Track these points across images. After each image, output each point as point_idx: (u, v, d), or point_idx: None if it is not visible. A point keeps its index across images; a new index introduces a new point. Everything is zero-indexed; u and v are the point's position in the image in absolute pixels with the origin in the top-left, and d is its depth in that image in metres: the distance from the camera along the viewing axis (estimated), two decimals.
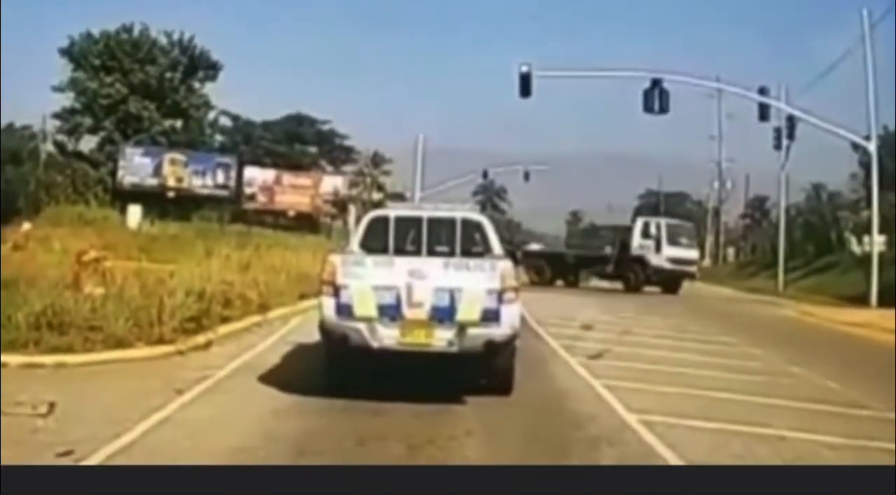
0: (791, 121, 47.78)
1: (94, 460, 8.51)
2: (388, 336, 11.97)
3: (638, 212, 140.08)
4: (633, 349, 19.05)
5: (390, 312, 11.96)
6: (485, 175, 77.90)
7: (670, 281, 46.93)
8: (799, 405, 13.14)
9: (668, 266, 46.79)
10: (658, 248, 47.05)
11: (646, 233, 48.16)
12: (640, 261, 46.86)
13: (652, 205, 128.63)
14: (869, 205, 45.66)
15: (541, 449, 9.86)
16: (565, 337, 20.47)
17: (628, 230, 49.98)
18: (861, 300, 38.08)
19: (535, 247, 56.57)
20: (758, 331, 25.70)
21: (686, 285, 48.68)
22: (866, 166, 50.03)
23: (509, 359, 12.56)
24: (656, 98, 39.48)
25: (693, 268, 49.59)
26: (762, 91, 43.51)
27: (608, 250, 49.27)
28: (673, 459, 9.34)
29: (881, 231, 42.69)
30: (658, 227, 48.96)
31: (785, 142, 52.88)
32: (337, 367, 12.49)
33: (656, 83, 39.51)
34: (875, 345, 21.93)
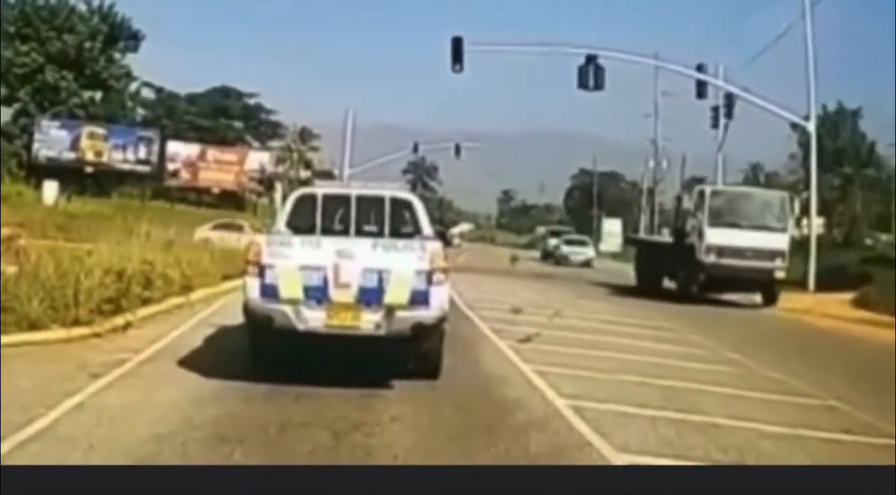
0: (729, 99, 47.76)
1: (4, 448, 8.35)
2: (314, 318, 11.89)
3: (570, 192, 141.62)
4: (564, 333, 19.15)
5: (317, 294, 11.87)
6: (415, 149, 77.69)
7: (735, 284, 31.85)
8: (737, 392, 13.29)
9: (712, 260, 30.99)
10: (700, 233, 31.57)
11: (694, 208, 32.79)
12: (690, 251, 31.85)
13: (585, 184, 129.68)
14: (807, 186, 45.76)
15: (468, 435, 9.84)
16: (495, 320, 20.52)
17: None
18: (800, 284, 38.64)
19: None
20: (694, 315, 25.96)
21: (614, 266, 47.05)
22: (805, 146, 50.33)
23: (438, 342, 12.54)
24: (591, 74, 39.60)
25: (771, 265, 31.09)
26: (700, 68, 43.78)
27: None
28: (604, 447, 9.38)
29: (820, 213, 42.95)
30: (701, 196, 32.46)
31: (722, 120, 52.32)
32: (261, 351, 12.39)
33: (591, 59, 39.61)
34: (816, 332, 22.23)
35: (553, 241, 68.51)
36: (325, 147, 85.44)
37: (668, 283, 34.36)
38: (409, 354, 12.59)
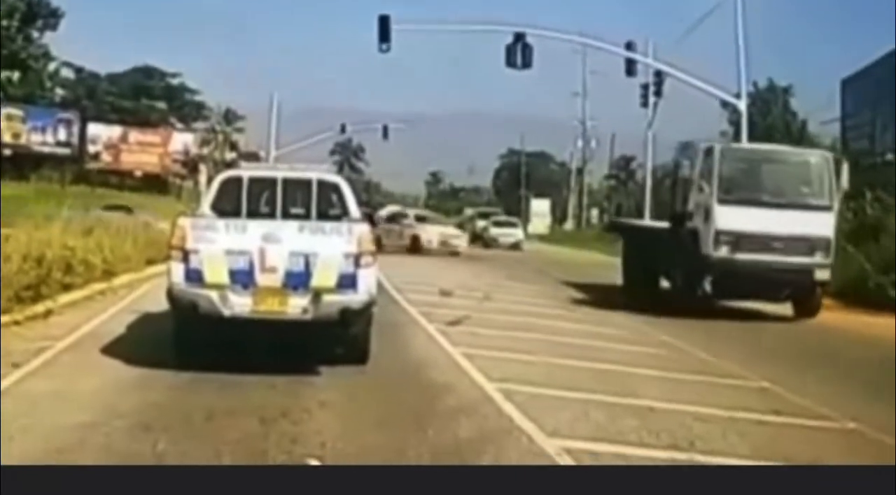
0: (659, 77, 47.57)
1: None
2: (239, 303, 11.81)
3: (498, 173, 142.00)
4: (494, 316, 19.23)
5: (242, 279, 11.79)
6: (342, 130, 77.31)
7: (757, 289, 21.98)
8: (670, 375, 13.43)
9: (723, 253, 21.43)
10: (706, 213, 21.81)
11: (697, 178, 22.75)
12: (691, 241, 22.19)
13: (513, 165, 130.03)
14: None
15: (397, 421, 9.84)
16: (424, 303, 20.54)
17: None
18: None
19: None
20: (621, 298, 26.07)
21: (544, 248, 46.35)
22: (736, 125, 50.38)
23: (365, 327, 12.52)
24: (519, 53, 39.43)
25: (810, 261, 21.53)
26: (629, 46, 43.59)
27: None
28: (534, 432, 9.43)
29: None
30: (707, 158, 22.34)
31: (652, 99, 52.49)
32: (185, 338, 12.27)
33: (519, 37, 39.46)
34: (750, 314, 22.36)
35: (481, 223, 68.65)
36: (251, 128, 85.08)
37: (666, 284, 24.65)
38: (337, 339, 12.56)
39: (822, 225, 21.58)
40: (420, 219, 50.98)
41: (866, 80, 44.88)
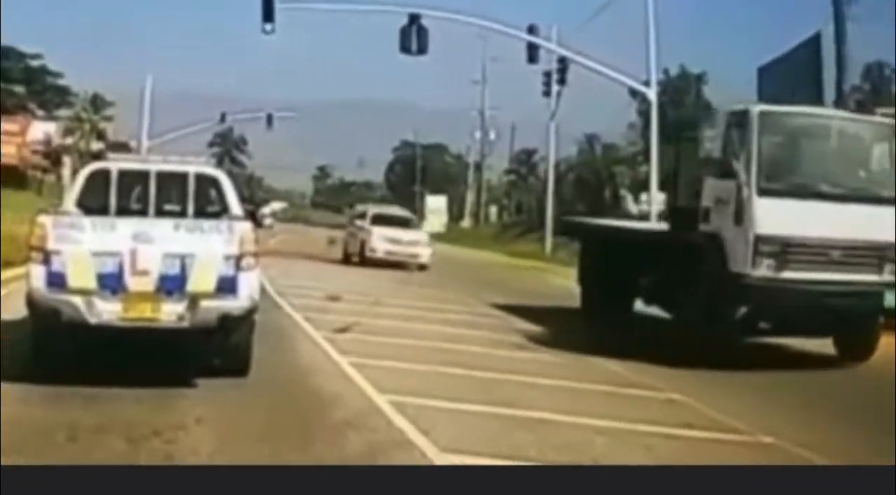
0: (563, 63, 47.32)
1: None
2: (107, 310, 11.63)
3: (391, 167, 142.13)
4: (384, 322, 19.24)
5: (111, 283, 11.61)
6: (222, 119, 76.63)
7: (809, 323, 16.46)
8: (569, 385, 13.58)
9: (764, 272, 15.77)
10: (738, 210, 16.02)
11: (722, 155, 16.59)
12: (713, 253, 16.42)
13: (408, 158, 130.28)
14: (647, 158, 46.01)
15: (280, 436, 9.80)
16: (309, 309, 20.48)
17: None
18: None
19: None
20: (524, 302, 26.27)
21: (437, 248, 43.42)
22: (645, 115, 50.69)
23: (247, 335, 12.42)
24: (414, 36, 39.33)
25: (879, 279, 16.31)
26: (531, 30, 43.46)
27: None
28: (426, 446, 9.46)
29: (661, 188, 42.89)
30: (740, 124, 16.33)
31: (555, 87, 52.36)
32: (46, 348, 12.03)
33: (414, 19, 39.37)
34: (658, 319, 22.01)
35: None
36: (121, 116, 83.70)
37: (647, 308, 20.02)
38: (216, 348, 12.43)
39: (891, 226, 15.99)
40: (379, 219, 40.33)
41: (784, 68, 45.59)
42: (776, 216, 15.74)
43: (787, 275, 15.67)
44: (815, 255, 15.83)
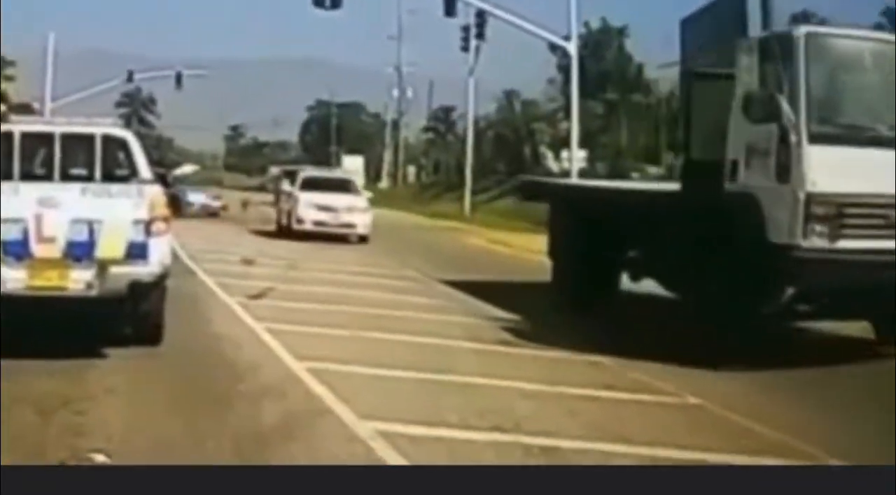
0: (481, 17, 46.90)
1: None
2: (12, 278, 11.49)
3: (306, 126, 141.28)
4: (302, 286, 19.24)
5: (16, 250, 11.48)
6: (130, 78, 75.59)
7: (858, 302, 13.27)
8: (490, 348, 13.68)
9: (815, 241, 12.62)
10: (782, 159, 12.84)
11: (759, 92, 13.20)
12: (745, 217, 13.28)
13: (323, 117, 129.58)
14: (568, 115, 45.93)
15: (195, 406, 9.78)
16: (224, 274, 20.42)
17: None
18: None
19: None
20: (442, 264, 26.31)
21: None
22: (565, 70, 50.62)
23: (158, 302, 12.33)
24: None
25: None
26: None
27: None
28: (346, 414, 9.50)
29: (582, 145, 42.74)
30: (787, 50, 13.04)
31: (474, 42, 52.14)
32: None
33: None
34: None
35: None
36: (23, 76, 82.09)
37: (638, 286, 17.54)
38: (126, 317, 12.35)
39: None
40: (311, 183, 36.23)
41: (708, 19, 45.57)
42: (831, 168, 12.70)
43: (844, 244, 12.70)
44: (874, 219, 12.94)
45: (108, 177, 12.88)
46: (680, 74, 22.99)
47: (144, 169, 13.29)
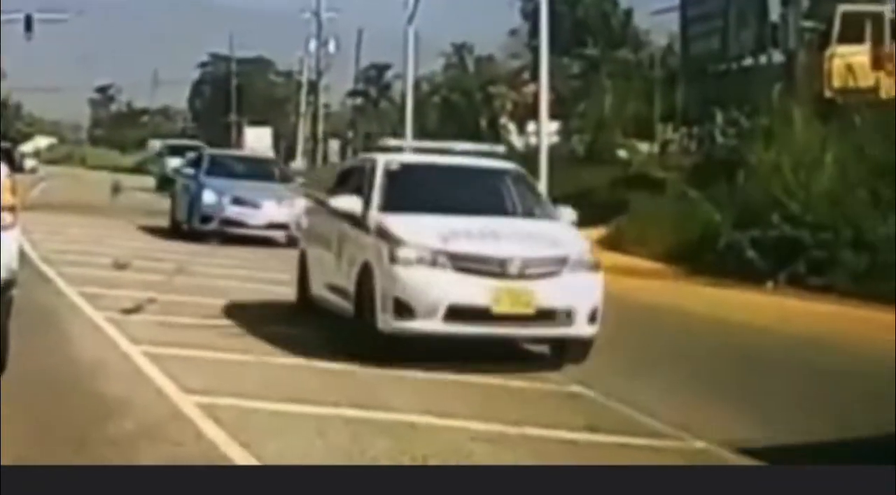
0: None
1: None
2: None
3: (197, 88, 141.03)
4: (192, 297, 19.30)
5: None
6: None
7: None
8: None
9: None
10: None
11: None
12: None
13: (219, 77, 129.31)
14: (535, 76, 45.53)
15: (48, 453, 9.71)
16: (89, 281, 20.44)
17: None
18: None
19: None
20: None
21: None
22: (533, 16, 50.17)
23: (3, 318, 12.29)
24: None
25: None
26: None
27: None
28: (245, 460, 9.53)
29: (553, 115, 41.76)
30: None
31: None
32: None
33: None
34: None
35: (175, 162, 68.20)
36: None
37: None
38: None
39: None
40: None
41: None
42: None
43: None
44: None
45: None
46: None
47: None
